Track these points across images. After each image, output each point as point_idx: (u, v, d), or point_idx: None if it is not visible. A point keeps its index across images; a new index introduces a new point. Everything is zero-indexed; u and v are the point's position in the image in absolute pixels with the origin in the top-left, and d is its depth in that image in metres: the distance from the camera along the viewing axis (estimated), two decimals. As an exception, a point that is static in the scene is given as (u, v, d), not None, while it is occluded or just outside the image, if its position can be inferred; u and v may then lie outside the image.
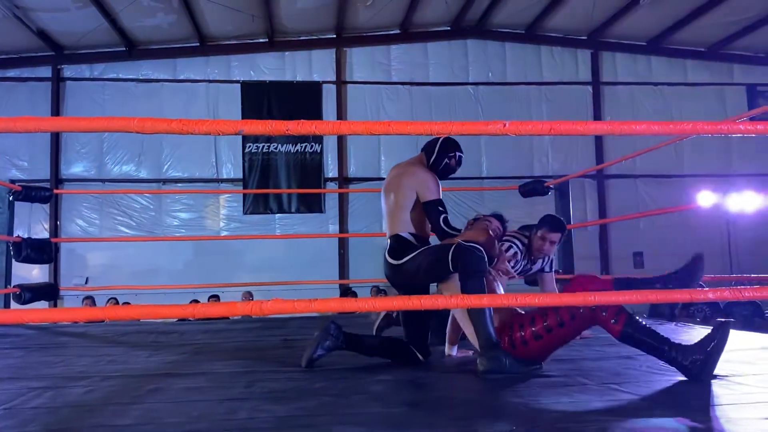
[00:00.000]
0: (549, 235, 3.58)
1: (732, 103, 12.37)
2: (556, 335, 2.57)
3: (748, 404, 2.03)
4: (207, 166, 11.32)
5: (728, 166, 11.96)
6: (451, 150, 3.17)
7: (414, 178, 3.07)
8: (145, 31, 10.68)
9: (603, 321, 2.44)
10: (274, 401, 2.22)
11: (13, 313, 1.59)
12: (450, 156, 3.16)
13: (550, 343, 2.61)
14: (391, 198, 3.11)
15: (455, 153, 3.18)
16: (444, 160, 3.16)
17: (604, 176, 11.92)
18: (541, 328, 2.59)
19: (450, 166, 3.18)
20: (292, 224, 11.32)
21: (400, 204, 3.05)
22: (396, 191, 3.09)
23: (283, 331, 4.46)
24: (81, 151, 11.06)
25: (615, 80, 12.35)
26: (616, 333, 2.43)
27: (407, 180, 3.07)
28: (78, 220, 10.90)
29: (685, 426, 1.71)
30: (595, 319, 2.46)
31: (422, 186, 3.03)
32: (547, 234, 3.58)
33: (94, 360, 3.32)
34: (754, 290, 1.60)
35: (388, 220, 3.11)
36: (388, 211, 3.11)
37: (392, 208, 3.09)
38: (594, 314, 2.45)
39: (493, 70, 12.06)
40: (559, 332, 2.56)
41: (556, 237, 3.59)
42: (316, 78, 11.60)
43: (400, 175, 3.13)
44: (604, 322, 2.45)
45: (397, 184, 3.10)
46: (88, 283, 10.49)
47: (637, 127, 1.69)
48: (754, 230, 11.16)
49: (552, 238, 3.58)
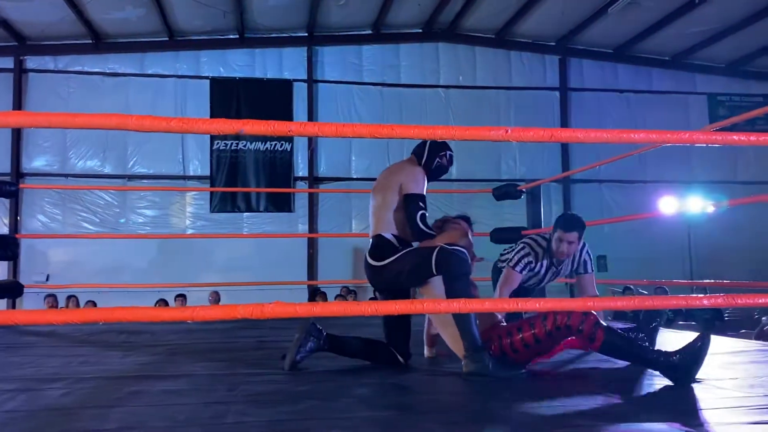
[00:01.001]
0: (565, 235, 3.46)
1: (694, 112, 12.70)
2: (532, 350, 2.61)
3: (732, 408, 2.08)
4: (173, 163, 11.12)
5: (689, 174, 12.25)
6: (441, 149, 3.15)
7: (403, 172, 3.05)
8: (112, 23, 10.45)
9: (580, 340, 2.47)
10: (260, 405, 2.19)
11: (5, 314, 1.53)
12: (441, 155, 3.14)
13: (527, 356, 2.64)
14: (378, 197, 3.08)
15: (446, 152, 3.16)
16: (436, 159, 3.13)
17: (570, 181, 12.11)
18: (519, 340, 2.62)
19: (442, 165, 3.16)
20: (260, 223, 11.21)
21: (386, 201, 3.02)
22: (384, 189, 3.05)
23: (256, 332, 4.41)
24: (43, 145, 10.76)
25: (582, 86, 12.54)
26: (596, 348, 2.45)
27: (396, 176, 3.05)
28: (39, 215, 10.61)
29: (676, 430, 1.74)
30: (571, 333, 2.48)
31: (408, 178, 3.00)
32: (563, 235, 3.46)
33: (65, 361, 3.23)
34: (747, 297, 1.65)
35: (372, 220, 3.08)
36: (374, 211, 3.08)
37: (378, 207, 3.06)
38: (569, 332, 2.47)
39: (463, 74, 12.14)
40: (536, 347, 2.59)
41: (573, 237, 3.46)
42: (287, 76, 11.50)
43: (390, 174, 3.10)
44: (581, 341, 2.47)
45: (386, 182, 3.07)
46: (49, 280, 10.22)
47: (635, 136, 1.72)
48: (713, 236, 11.48)
49: (569, 238, 3.46)
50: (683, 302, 1.63)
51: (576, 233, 3.47)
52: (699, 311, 7.43)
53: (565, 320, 2.46)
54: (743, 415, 1.97)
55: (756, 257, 11.72)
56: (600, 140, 1.71)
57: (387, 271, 2.93)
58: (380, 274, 2.96)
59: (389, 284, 2.99)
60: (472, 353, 2.65)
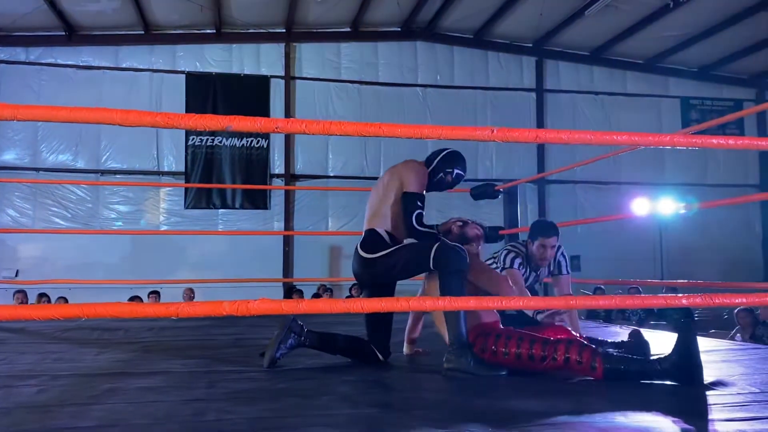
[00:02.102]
0: (546, 241, 3.60)
1: (667, 114, 12.91)
2: (523, 364, 2.60)
3: (724, 406, 2.12)
4: (148, 158, 10.98)
5: (661, 176, 12.45)
6: (450, 165, 3.10)
7: (405, 168, 3.03)
8: (86, 15, 10.28)
9: (580, 369, 2.49)
10: (240, 402, 2.18)
11: None
12: (448, 171, 3.09)
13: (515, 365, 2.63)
14: (377, 193, 3.07)
15: (453, 170, 3.10)
16: (440, 173, 3.10)
17: (545, 181, 12.22)
18: (514, 353, 2.61)
19: (445, 181, 3.11)
20: (235, 220, 11.13)
21: (384, 197, 3.00)
22: (384, 185, 3.03)
23: (233, 329, 4.38)
24: (14, 138, 10.55)
25: (558, 88, 12.67)
26: (599, 376, 2.47)
27: (399, 173, 3.01)
28: (9, 209, 10.40)
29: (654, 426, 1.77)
30: (570, 369, 2.50)
31: (409, 175, 2.97)
32: (545, 241, 3.60)
33: (38, 357, 3.18)
34: (724, 297, 1.69)
35: (367, 215, 3.07)
36: (370, 206, 3.07)
37: (375, 202, 3.05)
38: (568, 365, 2.50)
39: (441, 73, 12.18)
40: (527, 363, 2.59)
41: (553, 241, 3.61)
42: (264, 72, 11.43)
43: (394, 170, 3.07)
44: (582, 371, 2.49)
45: (388, 178, 3.05)
46: (18, 276, 10.01)
47: (618, 138, 1.75)
48: (683, 237, 11.70)
49: (550, 243, 3.61)
50: (663, 302, 1.66)
51: (556, 237, 3.63)
52: (671, 310, 7.54)
53: (564, 354, 2.47)
54: (719, 412, 2.02)
55: (725, 258, 11.98)
56: (584, 141, 1.74)
57: (379, 263, 2.91)
58: (372, 266, 2.93)
59: (379, 277, 2.97)
60: (456, 349, 2.66)
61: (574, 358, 2.46)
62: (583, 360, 2.45)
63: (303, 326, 2.90)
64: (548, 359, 2.49)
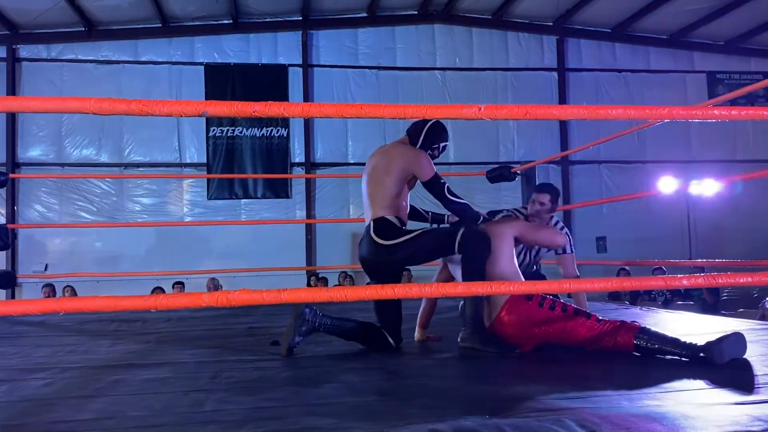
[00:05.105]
0: (536, 196, 3.56)
1: (693, 90, 12.56)
2: (558, 330, 2.62)
3: (734, 389, 2.05)
4: (170, 150, 11.07)
5: (689, 153, 12.17)
6: (438, 139, 3.14)
7: (403, 158, 3.02)
8: (104, 10, 10.34)
9: (623, 343, 2.51)
10: (242, 392, 2.17)
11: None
12: (435, 147, 3.14)
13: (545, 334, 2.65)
14: (376, 181, 3.04)
15: (440, 144, 3.14)
16: (428, 150, 3.11)
17: (569, 162, 12.03)
18: (559, 317, 2.61)
19: (433, 156, 3.13)
20: (258, 210, 11.17)
21: (386, 186, 2.99)
22: (382, 174, 3.02)
23: (248, 318, 4.38)
24: (39, 135, 10.71)
25: (580, 67, 12.41)
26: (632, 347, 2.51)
27: (395, 161, 3.01)
28: (36, 205, 10.58)
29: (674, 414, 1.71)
30: (616, 344, 2.54)
31: (416, 166, 2.99)
32: (535, 196, 3.56)
33: (53, 350, 3.21)
34: (727, 276, 1.61)
35: (370, 203, 3.06)
36: (372, 196, 3.05)
37: (377, 191, 3.03)
38: (614, 339, 2.53)
39: (460, 56, 12.02)
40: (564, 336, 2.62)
41: (544, 198, 3.54)
42: (282, 61, 11.40)
43: (386, 157, 3.07)
44: (625, 344, 2.51)
45: (384, 165, 3.03)
46: (47, 270, 10.21)
47: (613, 112, 1.67)
48: (712, 216, 11.42)
49: (540, 199, 3.54)
50: (662, 283, 1.59)
51: (547, 195, 3.55)
52: (696, 290, 7.39)
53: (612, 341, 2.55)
54: (727, 395, 1.95)
55: (755, 236, 11.67)
56: (576, 117, 1.67)
57: (399, 249, 2.92)
58: (392, 252, 2.94)
59: (399, 263, 3.02)
60: (471, 326, 2.77)
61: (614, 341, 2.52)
62: (624, 333, 2.48)
63: (317, 311, 2.88)
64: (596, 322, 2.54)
